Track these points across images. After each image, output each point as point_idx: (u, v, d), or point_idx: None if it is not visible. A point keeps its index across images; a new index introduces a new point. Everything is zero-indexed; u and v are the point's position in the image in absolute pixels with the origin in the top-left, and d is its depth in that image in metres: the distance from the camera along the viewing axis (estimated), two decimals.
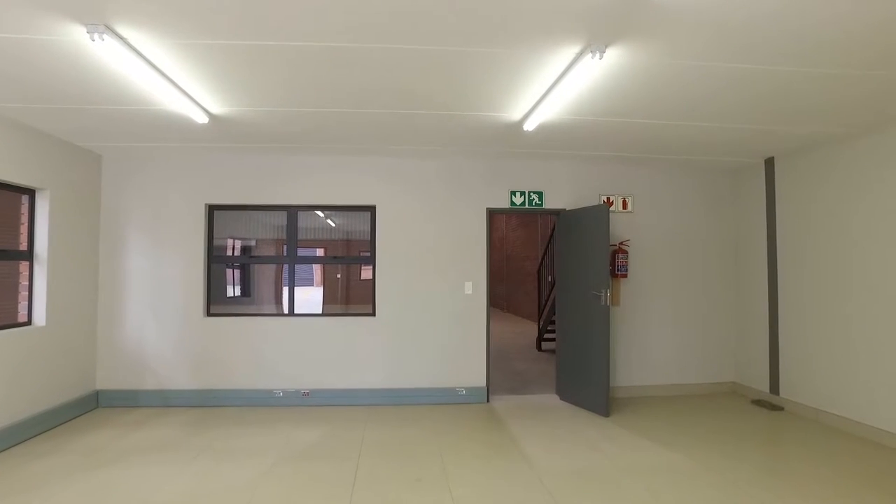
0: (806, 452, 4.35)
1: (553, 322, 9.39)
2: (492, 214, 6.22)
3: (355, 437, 4.74)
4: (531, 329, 12.90)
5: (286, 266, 6.08)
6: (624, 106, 4.17)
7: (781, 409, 5.51)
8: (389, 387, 5.90)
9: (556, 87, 3.66)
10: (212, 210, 5.99)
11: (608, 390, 5.33)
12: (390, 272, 5.97)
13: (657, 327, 6.26)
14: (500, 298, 18.49)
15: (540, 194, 6.12)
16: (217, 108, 4.25)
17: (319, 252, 6.75)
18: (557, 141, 5.21)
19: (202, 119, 4.33)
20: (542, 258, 10.50)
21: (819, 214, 5.21)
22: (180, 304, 5.79)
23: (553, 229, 9.66)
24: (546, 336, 9.74)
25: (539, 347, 9.81)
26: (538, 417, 5.36)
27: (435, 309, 5.97)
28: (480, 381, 5.99)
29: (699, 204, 6.39)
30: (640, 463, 4.13)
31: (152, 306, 5.77)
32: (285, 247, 6.09)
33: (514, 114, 4.39)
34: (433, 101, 4.10)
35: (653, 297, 6.26)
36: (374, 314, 5.97)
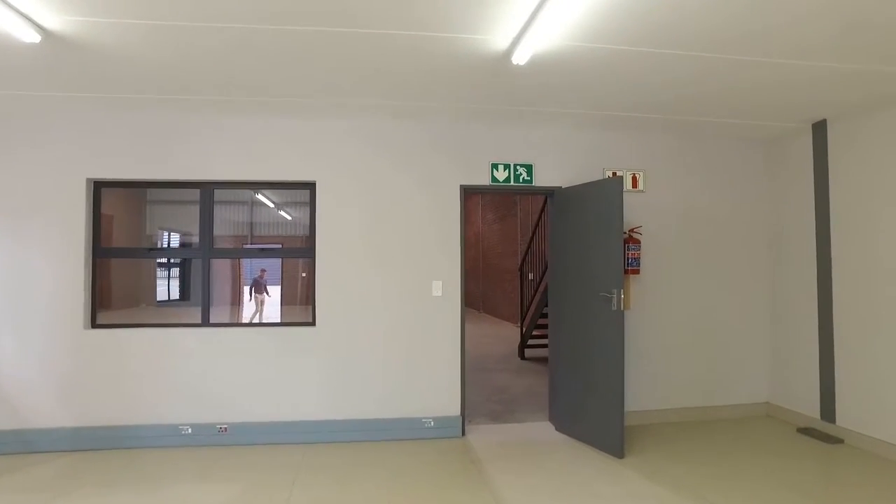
0: None
1: (539, 327, 8.09)
2: (468, 194, 4.84)
3: (278, 501, 3.34)
4: (511, 332, 11.63)
5: (202, 262, 4.62)
6: (662, 25, 2.86)
7: (841, 441, 4.28)
8: (333, 418, 4.51)
9: None
10: (98, 188, 4.50)
11: (623, 423, 4.03)
12: (335, 269, 4.57)
13: (675, 336, 4.99)
14: (476, 299, 17.20)
15: (528, 168, 4.78)
16: (55, 19, 2.80)
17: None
18: (556, 90, 3.88)
19: (30, 36, 2.88)
20: (525, 254, 9.19)
21: (893, 193, 3.99)
22: (50, 313, 4.29)
23: (540, 216, 8.35)
24: (530, 342, 8.44)
25: (522, 355, 8.51)
26: (530, 460, 4.03)
27: (393, 316, 4.60)
28: (453, 408, 4.63)
29: (725, 181, 5.14)
30: None
31: (9, 314, 4.26)
32: (198, 238, 4.63)
33: (498, 36, 3.04)
34: (381, 10, 2.73)
35: (670, 297, 4.99)
36: (313, 323, 4.56)
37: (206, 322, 4.55)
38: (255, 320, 7.52)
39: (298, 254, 4.82)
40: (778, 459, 3.98)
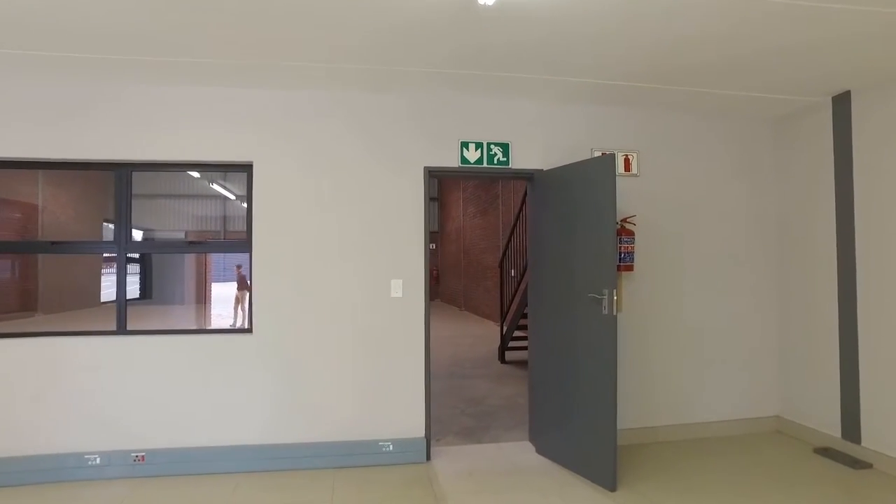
0: None
1: (521, 328, 7.43)
2: (433, 177, 4.15)
3: None
4: (493, 332, 10.96)
5: (118, 258, 3.87)
6: None
7: (869, 465, 3.67)
8: (274, 442, 3.80)
9: None
10: None
11: (616, 449, 3.38)
12: (275, 266, 3.86)
13: (673, 341, 4.35)
14: (458, 296, 16.55)
15: (504, 147, 4.10)
16: None
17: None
18: (533, 50, 3.20)
19: None
20: (505, 248, 8.53)
21: None
22: None
23: (521, 207, 7.68)
24: (511, 344, 7.78)
25: (502, 358, 7.85)
26: (506, 494, 3.36)
27: (345, 321, 3.90)
28: (416, 428, 3.95)
29: (730, 165, 4.50)
30: None
31: None
32: (115, 227, 3.88)
33: None
34: None
35: (667, 297, 4.35)
36: (250, 330, 3.85)
37: (121, 329, 3.80)
38: (238, 323, 6.82)
39: (232, 248, 4.09)
40: (799, 489, 3.36)
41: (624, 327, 4.18)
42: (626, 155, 4.27)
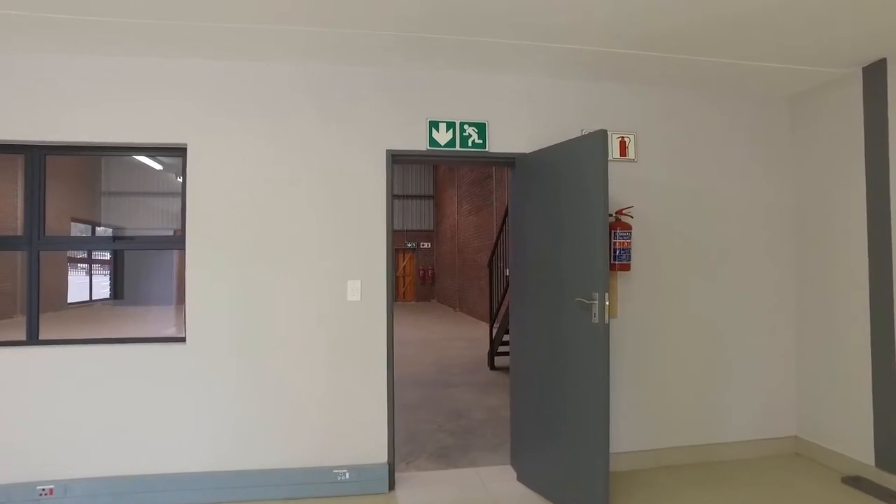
0: None
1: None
2: (398, 162, 3.59)
3: None
4: (486, 334, 10.41)
5: (29, 256, 3.32)
6: None
7: None
8: (211, 469, 3.26)
9: None
10: None
11: (608, 480, 2.82)
12: (213, 265, 3.31)
13: (676, 351, 3.79)
14: (452, 296, 16.03)
15: (481, 128, 3.54)
16: None
17: None
18: (506, 2, 2.64)
19: None
20: (496, 245, 7.97)
21: None
22: None
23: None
24: (501, 349, 7.22)
25: (492, 364, 7.31)
26: None
27: (293, 328, 3.35)
28: (377, 452, 3.40)
29: (740, 148, 3.93)
30: None
31: None
32: (27, 220, 3.32)
33: None
34: None
35: (669, 300, 3.78)
36: (183, 339, 3.30)
37: (32, 339, 3.26)
38: None
39: (164, 244, 3.54)
40: None
41: (619, 335, 3.62)
42: (622, 137, 3.71)
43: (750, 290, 3.91)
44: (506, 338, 7.07)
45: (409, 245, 21.46)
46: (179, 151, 3.37)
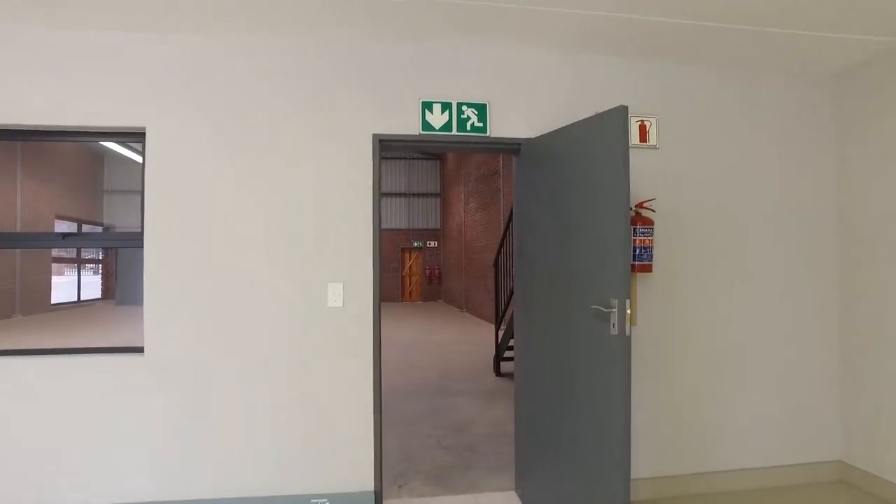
0: None
1: None
2: (386, 148, 3.16)
3: None
4: (493, 337, 9.99)
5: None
6: None
7: None
8: (174, 498, 2.86)
9: None
10: None
11: None
12: (174, 264, 2.91)
13: (703, 363, 3.33)
14: (459, 297, 15.60)
15: (481, 109, 3.11)
16: None
17: None
18: None
19: None
20: (502, 243, 7.54)
21: None
22: None
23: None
24: (507, 354, 6.80)
25: (498, 370, 6.88)
26: None
27: (266, 337, 2.94)
28: (362, 479, 2.98)
29: (777, 134, 3.46)
30: None
31: None
32: None
33: None
34: None
35: (695, 306, 3.33)
36: (141, 350, 2.90)
37: None
38: None
39: (120, 242, 3.15)
40: None
41: (636, 343, 3.18)
42: (642, 120, 3.26)
43: (786, 296, 3.45)
44: (512, 342, 6.63)
45: (416, 244, 21.09)
46: (139, 137, 2.97)
